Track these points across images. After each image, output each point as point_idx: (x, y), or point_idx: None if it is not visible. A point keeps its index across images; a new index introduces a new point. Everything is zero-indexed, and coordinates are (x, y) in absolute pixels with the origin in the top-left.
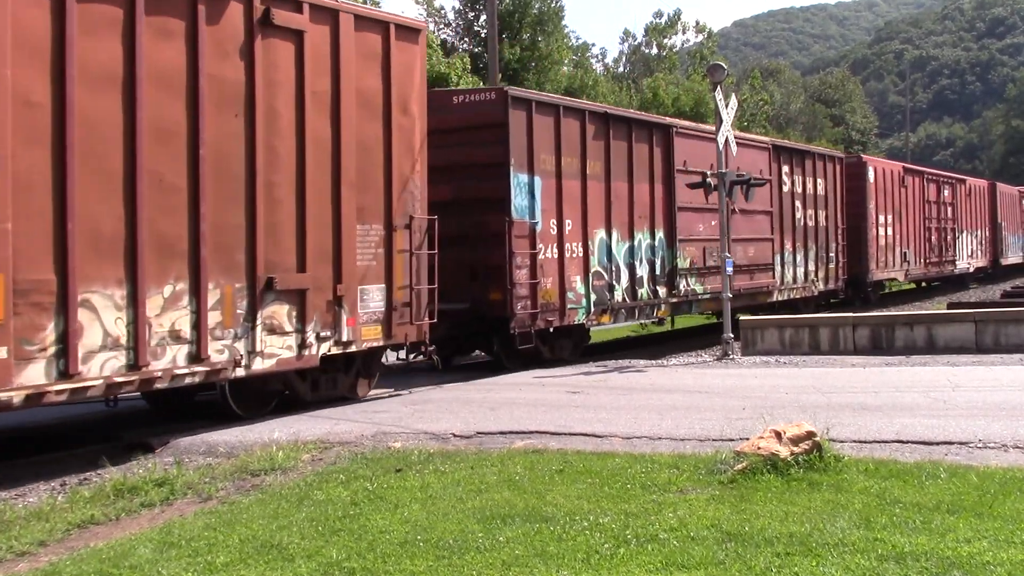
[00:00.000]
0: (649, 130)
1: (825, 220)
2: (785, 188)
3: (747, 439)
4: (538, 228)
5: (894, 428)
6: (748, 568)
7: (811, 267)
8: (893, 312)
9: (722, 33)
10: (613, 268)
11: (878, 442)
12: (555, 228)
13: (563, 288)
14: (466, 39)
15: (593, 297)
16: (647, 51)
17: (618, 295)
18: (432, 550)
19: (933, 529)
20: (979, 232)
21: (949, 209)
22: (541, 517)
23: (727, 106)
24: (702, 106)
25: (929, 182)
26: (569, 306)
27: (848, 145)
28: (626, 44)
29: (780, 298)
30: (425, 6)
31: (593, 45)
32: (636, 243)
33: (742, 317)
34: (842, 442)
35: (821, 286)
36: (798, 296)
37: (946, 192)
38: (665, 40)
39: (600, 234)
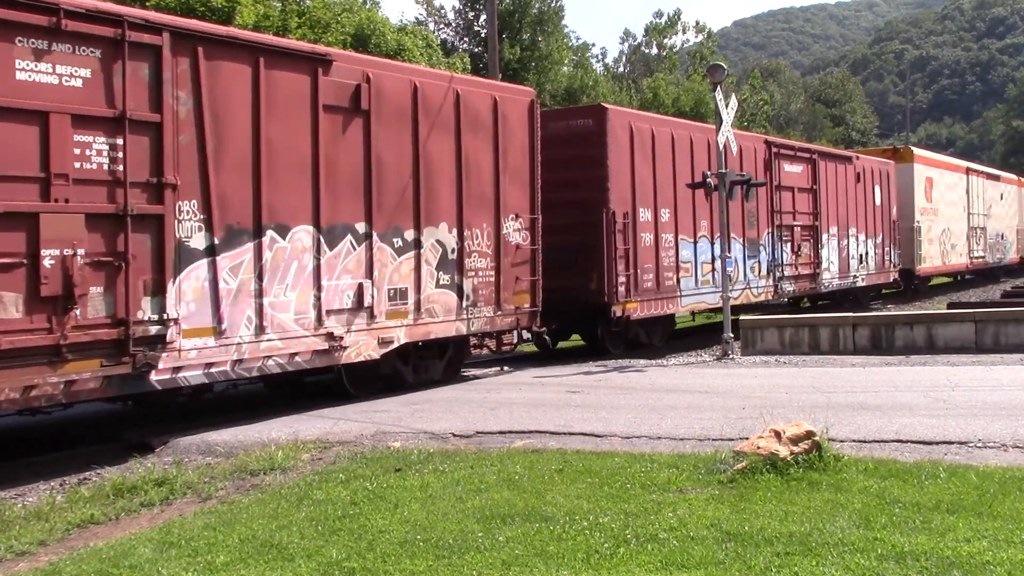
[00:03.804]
0: None
1: None
2: None
3: (747, 439)
4: None
5: (894, 428)
6: (748, 568)
7: None
8: (893, 312)
9: (722, 33)
10: None
11: (878, 442)
12: None
13: None
14: (466, 39)
15: None
16: (647, 51)
17: None
18: (432, 550)
19: (933, 529)
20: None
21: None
22: (541, 517)
23: (727, 106)
24: (702, 106)
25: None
26: None
27: (848, 145)
28: (626, 44)
29: None
30: (425, 6)
31: (593, 45)
32: None
33: (742, 317)
34: (842, 442)
35: None
36: None
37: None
38: (665, 40)
39: None
